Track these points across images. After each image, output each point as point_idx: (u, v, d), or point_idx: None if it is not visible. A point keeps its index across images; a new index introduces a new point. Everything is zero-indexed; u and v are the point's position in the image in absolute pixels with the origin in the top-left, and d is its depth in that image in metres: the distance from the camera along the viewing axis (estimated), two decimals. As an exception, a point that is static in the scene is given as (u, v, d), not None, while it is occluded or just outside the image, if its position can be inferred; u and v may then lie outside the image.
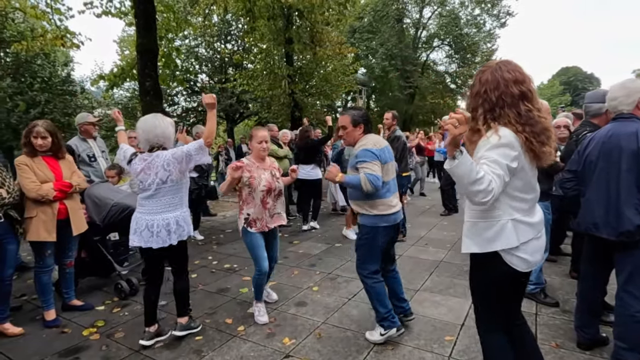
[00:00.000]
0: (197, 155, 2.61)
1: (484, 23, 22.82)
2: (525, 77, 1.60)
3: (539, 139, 1.55)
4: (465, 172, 1.43)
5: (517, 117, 1.56)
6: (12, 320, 2.98)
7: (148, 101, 7.27)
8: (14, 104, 11.62)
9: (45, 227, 2.93)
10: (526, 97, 1.58)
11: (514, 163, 1.52)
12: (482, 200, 1.46)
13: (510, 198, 1.59)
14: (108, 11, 8.46)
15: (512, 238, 1.58)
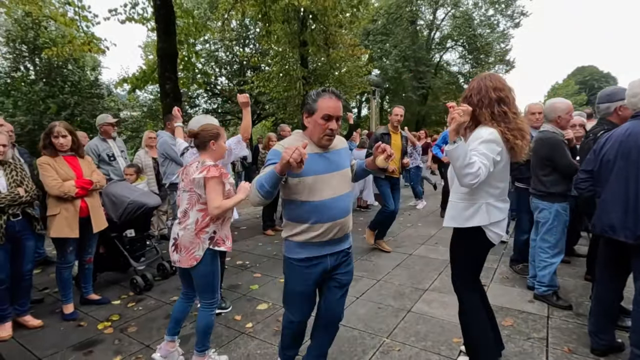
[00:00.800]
0: (236, 149, 3.01)
1: (498, 23, 22.22)
2: (504, 87, 1.94)
3: (512, 134, 1.87)
4: (461, 155, 1.72)
5: (491, 115, 1.91)
6: (32, 312, 3.01)
7: (168, 103, 7.32)
8: (46, 107, 11.95)
9: (68, 224, 2.94)
10: (502, 102, 1.91)
11: (498, 157, 1.85)
12: (470, 182, 1.75)
13: (488, 185, 1.92)
14: (131, 17, 8.57)
15: (485, 217, 1.93)
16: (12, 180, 2.74)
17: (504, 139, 1.86)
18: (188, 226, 2.17)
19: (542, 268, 3.07)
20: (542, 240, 3.10)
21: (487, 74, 2.00)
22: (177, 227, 2.24)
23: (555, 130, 2.98)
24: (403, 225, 6.04)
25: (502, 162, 1.90)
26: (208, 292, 2.24)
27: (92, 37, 8.66)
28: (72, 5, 8.24)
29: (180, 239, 2.18)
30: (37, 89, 12.30)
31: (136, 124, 15.68)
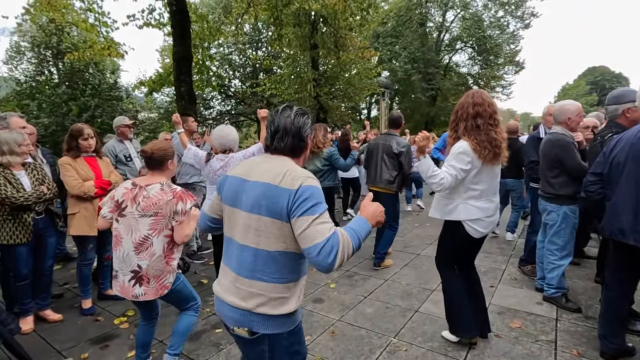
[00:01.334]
0: (259, 154, 3.02)
1: (508, 25, 21.79)
2: (484, 101, 2.20)
3: (481, 145, 2.15)
4: (425, 169, 2.20)
5: (465, 128, 2.21)
6: (53, 307, 3.07)
7: (183, 105, 7.40)
8: (68, 109, 12.22)
9: (87, 222, 3.00)
10: (479, 115, 2.19)
11: (468, 165, 2.16)
12: (437, 189, 2.22)
13: (465, 188, 2.24)
14: (148, 23, 8.69)
15: (462, 214, 2.25)
16: (34, 179, 2.80)
17: (473, 150, 2.15)
18: (155, 255, 1.94)
19: (550, 270, 3.00)
20: (550, 243, 3.02)
21: (473, 92, 2.29)
22: (135, 257, 1.92)
23: (565, 132, 2.91)
24: (411, 225, 5.98)
25: (474, 169, 2.18)
26: (189, 300, 2.16)
27: (112, 42, 8.83)
28: (92, 12, 8.41)
29: (146, 270, 1.92)
30: (60, 92, 12.59)
31: (153, 126, 15.90)
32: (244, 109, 19.63)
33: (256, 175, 1.29)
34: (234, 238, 1.32)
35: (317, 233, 1.16)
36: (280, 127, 1.32)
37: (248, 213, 1.27)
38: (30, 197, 2.65)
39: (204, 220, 1.55)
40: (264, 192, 1.23)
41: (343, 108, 15.20)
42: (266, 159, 1.36)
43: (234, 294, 1.28)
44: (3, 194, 2.53)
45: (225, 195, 1.37)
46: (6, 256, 2.77)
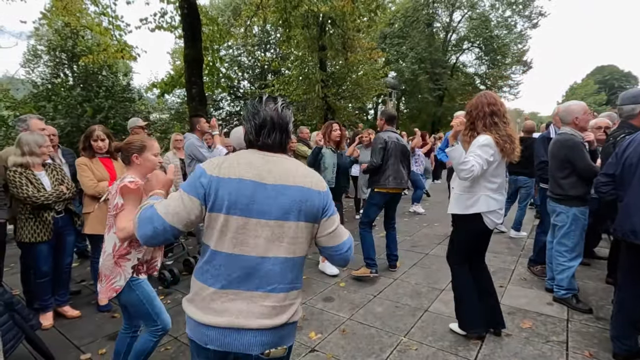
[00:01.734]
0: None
1: (515, 24, 21.54)
2: (497, 102, 2.33)
3: (503, 139, 2.27)
4: (457, 155, 2.23)
5: (484, 125, 2.32)
6: (71, 303, 3.12)
7: (194, 106, 7.47)
8: (83, 110, 12.37)
9: (100, 222, 3.03)
10: (495, 114, 2.31)
11: (492, 157, 2.26)
12: (465, 176, 2.22)
13: (486, 180, 2.33)
14: (160, 26, 8.79)
15: (483, 206, 2.33)
16: (54, 179, 2.85)
17: (496, 143, 2.26)
18: (106, 253, 1.82)
19: (560, 272, 2.96)
20: (559, 244, 2.98)
21: (484, 93, 2.42)
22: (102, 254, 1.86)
23: (575, 133, 2.86)
24: (419, 225, 5.95)
25: (495, 162, 2.30)
26: (147, 319, 1.87)
27: (125, 45, 8.94)
28: (106, 16, 8.52)
29: (101, 268, 1.83)
30: (75, 93, 12.77)
31: (165, 126, 16.02)
32: (253, 110, 19.72)
33: (280, 179, 1.12)
34: (248, 253, 1.11)
35: (342, 231, 1.27)
36: (267, 120, 1.16)
37: (279, 221, 1.11)
38: (50, 196, 2.70)
39: (165, 234, 1.12)
40: (301, 196, 1.13)
41: (350, 108, 15.17)
42: (274, 159, 1.17)
43: (261, 316, 1.12)
44: (25, 193, 2.59)
45: (229, 204, 1.09)
46: (27, 254, 2.83)
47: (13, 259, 3.58)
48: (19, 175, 2.62)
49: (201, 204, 1.11)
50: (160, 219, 1.10)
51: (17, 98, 12.96)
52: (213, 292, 1.12)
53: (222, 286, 1.12)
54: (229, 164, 1.12)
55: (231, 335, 1.10)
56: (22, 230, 2.70)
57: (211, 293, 1.13)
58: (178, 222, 1.11)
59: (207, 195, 1.10)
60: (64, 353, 2.46)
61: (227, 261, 1.11)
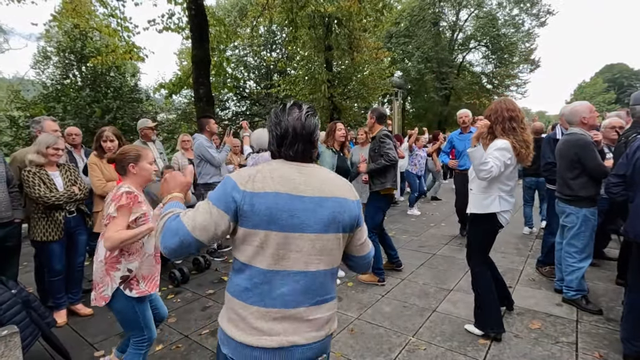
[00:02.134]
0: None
1: (523, 23, 21.32)
2: (515, 108, 2.43)
3: (519, 144, 2.38)
4: (479, 156, 2.32)
5: (503, 130, 2.41)
6: (84, 301, 3.18)
7: (201, 107, 7.53)
8: (92, 111, 12.55)
9: None
10: (513, 119, 2.40)
11: (509, 161, 2.37)
12: (485, 176, 2.32)
13: (501, 183, 2.44)
14: (168, 27, 8.87)
15: (497, 206, 2.44)
16: (67, 180, 2.91)
17: (513, 148, 2.36)
18: (98, 260, 1.81)
19: (569, 273, 2.95)
20: (568, 245, 2.97)
21: (503, 99, 2.52)
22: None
23: (584, 132, 2.85)
24: (426, 225, 5.94)
25: (511, 166, 2.40)
26: (134, 329, 1.87)
27: (133, 46, 9.03)
28: (115, 17, 8.62)
29: (94, 274, 1.84)
30: (84, 94, 12.95)
31: (172, 127, 16.18)
32: (259, 110, 19.79)
33: (317, 191, 1.08)
34: (290, 268, 1.06)
35: (369, 240, 1.28)
36: (288, 131, 1.10)
37: (320, 234, 1.07)
38: (61, 197, 2.75)
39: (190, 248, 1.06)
40: (339, 207, 1.09)
41: (356, 108, 15.17)
42: (307, 169, 1.12)
43: (308, 331, 1.08)
44: (36, 193, 2.64)
45: (268, 219, 1.03)
46: (41, 252, 2.89)
47: (26, 257, 3.65)
48: (32, 175, 2.68)
49: (230, 219, 1.04)
50: (187, 233, 1.04)
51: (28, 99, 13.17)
52: (255, 311, 1.06)
53: (265, 304, 1.05)
54: (262, 177, 1.06)
55: (281, 354, 1.05)
56: (35, 229, 2.76)
57: (254, 312, 1.06)
58: (205, 236, 1.05)
59: (238, 210, 1.03)
60: (78, 350, 2.52)
61: (268, 278, 1.05)
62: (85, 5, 8.53)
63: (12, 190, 2.75)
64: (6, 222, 2.63)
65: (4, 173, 2.69)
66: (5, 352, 1.72)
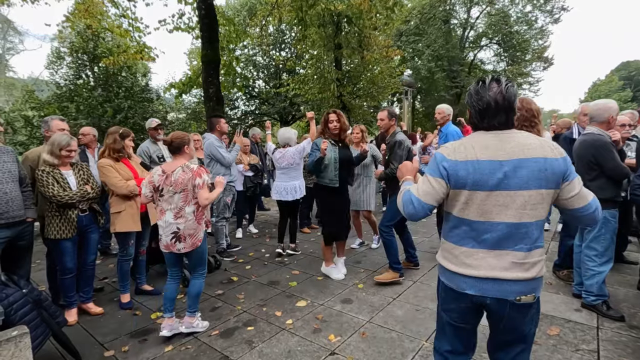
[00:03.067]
0: (307, 147, 4.17)
1: (536, 20, 20.88)
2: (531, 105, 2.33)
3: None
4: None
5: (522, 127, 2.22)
6: (94, 300, 3.20)
7: (211, 106, 7.55)
8: (104, 110, 12.68)
9: (133, 219, 3.13)
10: (535, 116, 2.29)
11: None
12: None
13: None
14: (178, 27, 8.91)
15: None
16: (80, 179, 2.92)
17: None
18: (188, 219, 2.54)
19: (590, 277, 2.84)
20: (588, 248, 2.86)
21: (522, 97, 2.35)
22: (174, 222, 2.53)
23: (602, 132, 2.74)
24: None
25: None
26: (202, 265, 2.73)
27: (144, 46, 9.10)
28: (126, 18, 8.69)
29: (183, 230, 2.54)
30: (96, 94, 13.10)
31: (182, 126, 16.30)
32: (268, 109, 19.81)
33: (515, 154, 1.27)
34: (492, 219, 1.30)
35: (587, 192, 1.33)
36: (490, 104, 1.30)
37: (524, 190, 1.26)
38: (74, 196, 2.76)
39: (424, 210, 1.39)
40: (539, 166, 1.26)
41: (366, 107, 15.05)
42: (505, 136, 1.32)
43: (517, 270, 1.31)
44: (50, 192, 2.65)
45: (474, 182, 1.29)
46: (53, 250, 2.91)
47: (38, 255, 3.68)
48: (46, 174, 2.70)
49: (446, 183, 1.34)
50: (418, 200, 1.38)
51: (42, 99, 13.39)
52: (464, 251, 1.37)
53: (472, 246, 1.35)
54: (464, 148, 1.33)
55: (488, 284, 1.33)
56: (49, 227, 2.77)
57: (463, 252, 1.37)
58: (430, 199, 1.37)
59: (449, 176, 1.32)
60: (88, 349, 2.51)
61: (474, 227, 1.33)
62: (97, 6, 8.61)
63: (25, 189, 2.77)
64: (19, 221, 2.64)
65: (17, 172, 2.70)
66: (15, 352, 1.71)
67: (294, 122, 22.42)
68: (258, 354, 2.43)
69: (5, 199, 2.54)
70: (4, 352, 1.67)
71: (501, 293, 1.32)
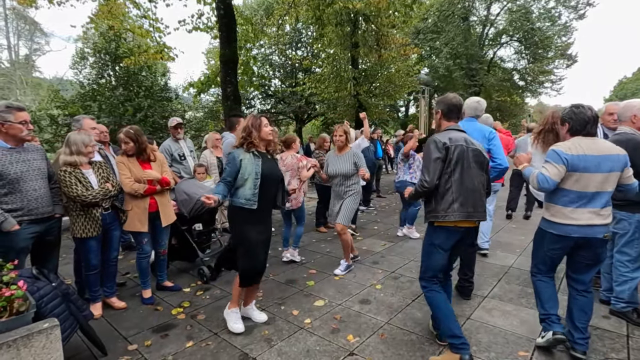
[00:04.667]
0: (363, 143, 4.86)
1: (559, 16, 20.24)
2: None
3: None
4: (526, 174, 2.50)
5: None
6: (117, 295, 3.28)
7: (228, 105, 7.63)
8: (124, 109, 12.99)
9: (139, 219, 3.15)
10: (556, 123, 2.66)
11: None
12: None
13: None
14: (197, 27, 9.05)
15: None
16: (100, 177, 2.99)
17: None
18: (294, 187, 4.00)
19: (621, 283, 2.73)
20: (620, 253, 2.75)
21: (553, 110, 2.76)
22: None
23: (635, 132, 2.63)
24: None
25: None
26: (303, 218, 4.34)
27: (164, 46, 9.26)
28: (147, 18, 8.87)
29: (291, 196, 3.99)
30: (117, 93, 13.44)
31: (199, 124, 16.53)
32: (284, 108, 19.89)
33: (602, 151, 2.12)
34: (588, 190, 2.13)
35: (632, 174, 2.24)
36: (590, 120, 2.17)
37: (606, 173, 2.11)
38: (97, 194, 2.83)
39: (554, 185, 2.15)
40: (615, 159, 2.12)
41: (382, 106, 14.92)
42: (595, 140, 2.19)
43: (600, 219, 2.14)
44: (74, 192, 2.72)
45: (583, 168, 2.10)
46: (80, 248, 2.99)
47: (65, 249, 3.80)
48: (68, 174, 2.76)
49: (564, 169, 2.13)
50: (551, 179, 2.14)
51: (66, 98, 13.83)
52: (570, 210, 2.18)
53: (577, 207, 2.17)
54: (575, 147, 2.13)
55: (586, 229, 2.14)
56: (75, 226, 2.85)
57: (569, 211, 2.18)
58: (557, 178, 2.14)
59: (568, 165, 2.11)
60: (112, 343, 2.58)
61: (576, 195, 2.15)
62: (119, 7, 8.82)
63: (54, 185, 2.85)
64: (47, 217, 2.73)
65: (46, 169, 2.78)
66: (46, 344, 1.77)
67: (310, 121, 22.46)
68: (277, 353, 2.44)
69: (35, 196, 2.62)
70: (35, 343, 1.73)
71: (595, 233, 2.14)
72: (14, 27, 23.04)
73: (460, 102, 2.45)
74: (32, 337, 1.72)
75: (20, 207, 2.54)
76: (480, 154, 2.31)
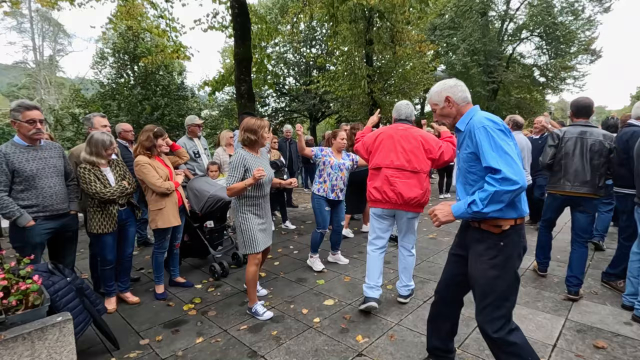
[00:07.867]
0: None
1: (583, 9, 19.45)
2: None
3: None
4: None
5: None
6: (131, 290, 3.34)
7: (243, 103, 7.68)
8: (142, 108, 13.32)
9: (174, 215, 3.24)
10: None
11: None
12: None
13: None
14: (212, 26, 9.13)
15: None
16: (117, 175, 3.05)
17: None
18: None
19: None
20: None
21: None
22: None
23: None
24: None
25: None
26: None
27: (180, 46, 9.40)
28: (164, 18, 9.01)
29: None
30: (136, 92, 13.79)
31: (214, 123, 16.77)
32: (298, 106, 19.95)
33: None
34: None
35: None
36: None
37: None
38: (115, 192, 2.89)
39: None
40: None
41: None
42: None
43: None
44: (93, 189, 2.79)
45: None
46: (95, 243, 3.06)
47: (82, 244, 3.90)
48: (88, 172, 2.83)
49: None
50: None
51: (87, 97, 14.25)
52: None
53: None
54: None
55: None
56: (91, 222, 2.92)
57: None
58: None
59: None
60: (124, 337, 2.63)
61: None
62: (137, 7, 9.00)
63: (70, 183, 2.92)
64: (63, 213, 2.79)
65: (62, 167, 2.85)
66: (59, 337, 1.81)
67: (324, 119, 22.43)
68: (285, 351, 2.44)
69: (50, 193, 2.69)
70: (49, 336, 1.77)
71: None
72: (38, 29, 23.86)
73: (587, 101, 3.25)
74: (46, 330, 1.76)
75: (35, 203, 2.61)
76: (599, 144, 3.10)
